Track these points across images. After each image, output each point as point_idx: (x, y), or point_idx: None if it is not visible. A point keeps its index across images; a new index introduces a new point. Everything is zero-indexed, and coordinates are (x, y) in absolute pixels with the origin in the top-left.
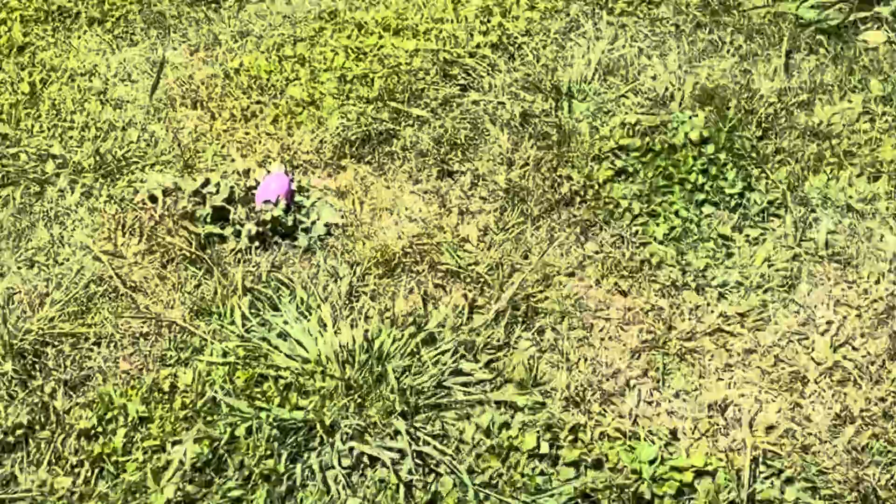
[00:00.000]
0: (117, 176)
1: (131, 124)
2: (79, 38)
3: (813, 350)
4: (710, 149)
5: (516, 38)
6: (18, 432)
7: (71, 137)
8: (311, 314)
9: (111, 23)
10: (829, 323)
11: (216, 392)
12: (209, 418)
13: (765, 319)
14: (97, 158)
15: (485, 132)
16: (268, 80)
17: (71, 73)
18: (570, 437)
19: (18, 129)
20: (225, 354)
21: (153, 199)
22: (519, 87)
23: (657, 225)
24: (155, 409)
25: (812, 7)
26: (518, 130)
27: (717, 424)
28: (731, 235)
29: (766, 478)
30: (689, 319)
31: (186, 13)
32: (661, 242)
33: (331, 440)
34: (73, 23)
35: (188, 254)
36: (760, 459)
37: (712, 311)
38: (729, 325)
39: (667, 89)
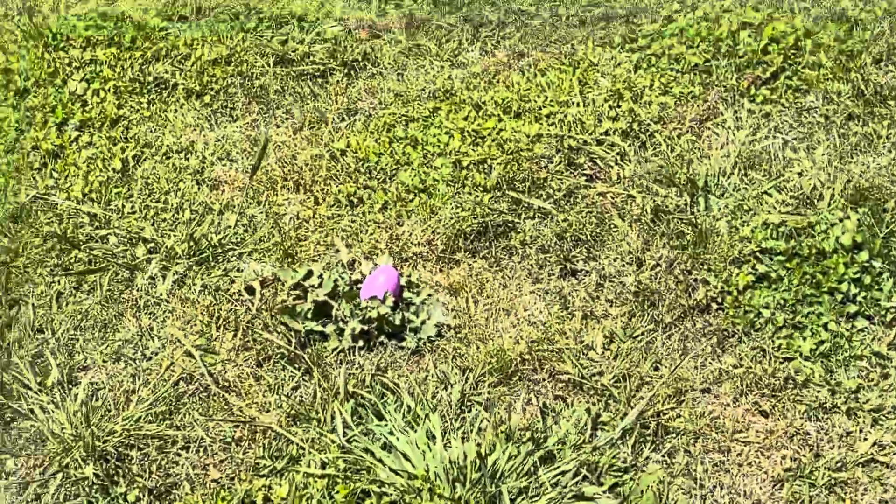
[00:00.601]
0: (212, 264)
1: (228, 207)
2: (175, 111)
3: None
4: (863, 256)
5: (648, 125)
6: None
7: (164, 220)
8: (418, 424)
9: (210, 96)
10: None
11: None
12: None
13: None
14: (191, 244)
15: (612, 228)
16: (377, 163)
17: (166, 149)
18: None
19: (108, 209)
20: (324, 466)
21: (250, 290)
22: (651, 179)
23: (803, 339)
24: None
25: None
26: (649, 227)
27: None
28: (888, 353)
29: None
30: (839, 447)
31: (291, 88)
32: (807, 358)
33: None
34: (169, 95)
35: (286, 352)
36: None
37: (865, 439)
38: (884, 454)
39: (815, 187)
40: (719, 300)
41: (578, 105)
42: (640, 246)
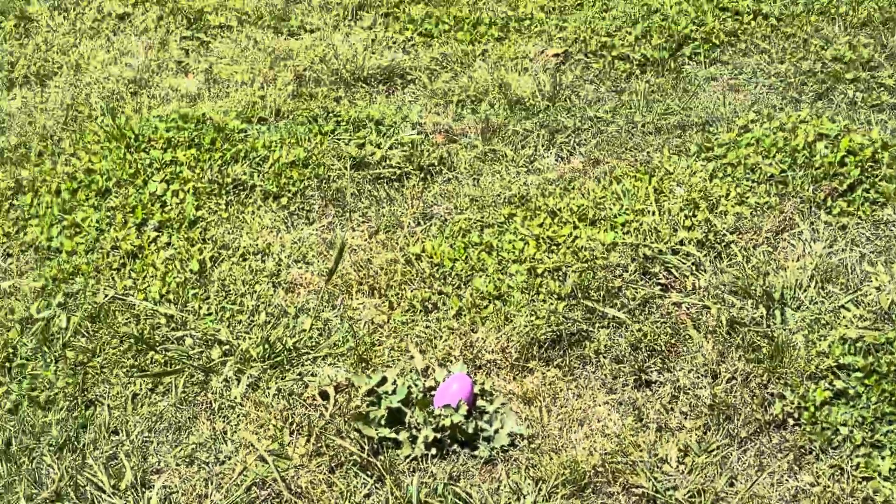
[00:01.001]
0: (287, 367)
1: (304, 311)
2: (252, 213)
3: None
4: None
5: (724, 235)
6: None
7: (239, 322)
8: None
9: (287, 198)
10: None
11: None
12: None
13: None
14: (266, 347)
15: (687, 339)
16: (451, 268)
17: (243, 251)
18: None
19: (185, 310)
20: None
21: (324, 395)
22: (726, 290)
23: (882, 458)
24: None
25: None
26: (724, 339)
27: None
28: None
29: None
30: None
31: (367, 191)
32: (886, 478)
33: None
34: (247, 197)
35: (359, 459)
36: None
37: None
38: None
39: (893, 302)
40: (796, 416)
41: (654, 214)
42: (715, 358)
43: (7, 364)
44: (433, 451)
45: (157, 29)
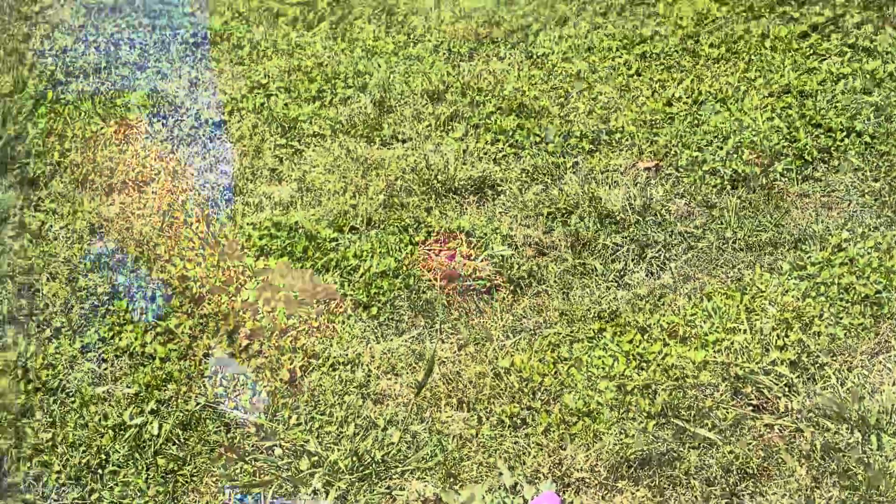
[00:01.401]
0: (375, 481)
1: (392, 423)
2: (342, 322)
3: None
4: None
5: (818, 356)
6: None
7: (328, 433)
8: None
9: (377, 308)
10: None
11: None
12: None
13: None
14: (354, 459)
15: (780, 462)
16: (540, 383)
17: (333, 361)
18: None
19: (274, 419)
20: None
21: None
22: (820, 413)
23: None
24: None
25: None
26: (819, 464)
27: None
28: None
29: None
30: None
31: (457, 303)
32: None
33: None
34: (337, 307)
35: None
36: None
37: None
38: None
39: None
40: None
41: (745, 332)
42: (809, 483)
43: (100, 470)
44: None
45: (251, 137)
